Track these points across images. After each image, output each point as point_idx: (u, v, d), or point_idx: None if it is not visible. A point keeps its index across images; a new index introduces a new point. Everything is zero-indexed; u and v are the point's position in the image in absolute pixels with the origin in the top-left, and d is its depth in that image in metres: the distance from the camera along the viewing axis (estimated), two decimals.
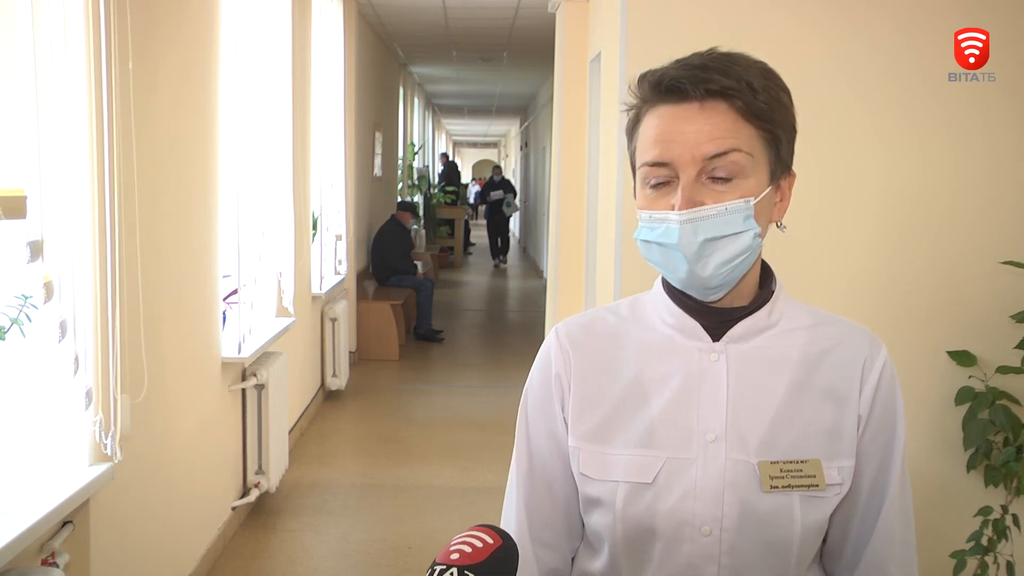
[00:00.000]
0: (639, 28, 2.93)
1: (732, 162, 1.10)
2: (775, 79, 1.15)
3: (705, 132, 1.09)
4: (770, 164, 1.14)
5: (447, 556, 0.98)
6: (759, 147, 1.12)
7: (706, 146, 1.09)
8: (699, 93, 1.10)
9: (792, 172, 1.19)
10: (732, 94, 1.09)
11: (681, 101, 1.11)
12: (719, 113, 1.10)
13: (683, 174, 1.10)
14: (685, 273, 1.12)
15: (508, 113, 18.86)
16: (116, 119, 2.61)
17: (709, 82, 1.09)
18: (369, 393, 6.96)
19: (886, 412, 1.17)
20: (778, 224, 1.19)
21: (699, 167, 1.10)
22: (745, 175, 1.11)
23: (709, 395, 1.16)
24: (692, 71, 1.10)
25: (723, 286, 1.14)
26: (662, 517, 1.13)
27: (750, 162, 1.11)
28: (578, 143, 5.17)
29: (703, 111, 1.10)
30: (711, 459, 1.13)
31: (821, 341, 1.19)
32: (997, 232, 2.85)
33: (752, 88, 1.10)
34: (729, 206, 1.10)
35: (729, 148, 1.09)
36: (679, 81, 1.10)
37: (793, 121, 1.17)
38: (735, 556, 1.12)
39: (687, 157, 1.10)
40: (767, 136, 1.12)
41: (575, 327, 1.26)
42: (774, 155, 1.14)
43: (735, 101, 1.10)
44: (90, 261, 2.53)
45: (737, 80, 1.09)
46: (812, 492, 1.12)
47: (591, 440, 1.19)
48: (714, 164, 1.10)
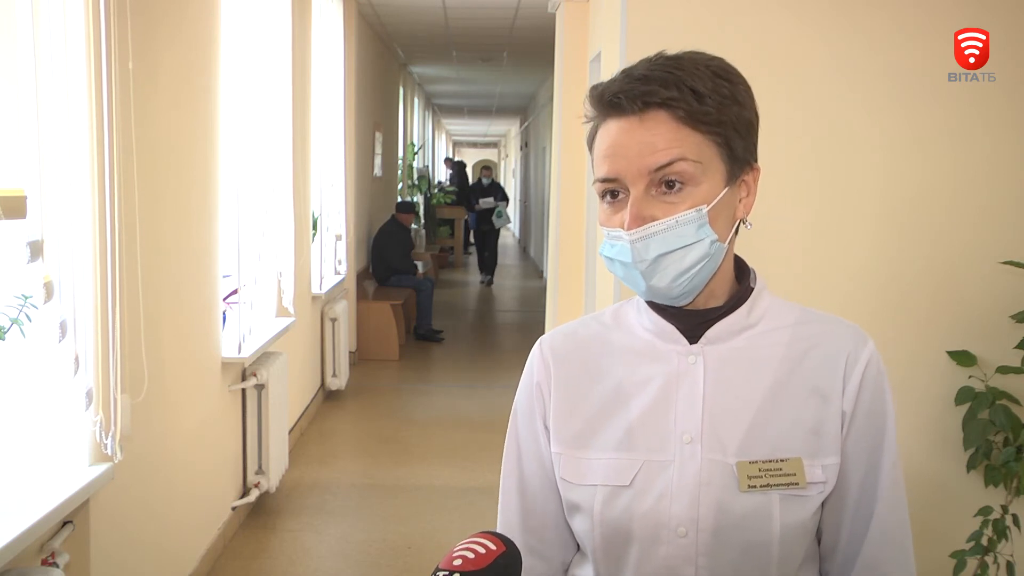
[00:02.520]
0: (639, 28, 2.93)
1: (679, 171, 1.09)
2: (728, 76, 1.13)
3: (647, 145, 1.09)
4: (725, 165, 1.12)
5: (450, 562, 0.98)
6: (708, 152, 1.10)
7: (648, 159, 1.08)
8: (637, 106, 1.09)
9: (755, 167, 1.17)
10: (672, 104, 1.08)
11: (622, 115, 1.10)
12: (660, 124, 1.09)
13: (632, 188, 1.10)
14: (644, 287, 1.13)
15: (508, 113, 18.86)
16: (116, 119, 2.61)
17: (647, 95, 1.08)
18: (369, 393, 6.96)
19: (872, 409, 1.16)
20: (743, 221, 1.18)
21: (646, 180, 1.09)
22: (696, 182, 1.10)
23: (686, 397, 1.16)
24: (632, 84, 1.09)
25: (687, 293, 1.14)
26: (639, 519, 1.13)
27: (699, 168, 1.09)
28: (578, 143, 5.16)
29: (643, 124, 1.09)
30: (688, 460, 1.13)
31: (805, 339, 1.18)
32: (997, 232, 2.85)
33: (696, 93, 1.08)
34: (679, 218, 1.09)
35: (673, 158, 1.08)
36: (617, 96, 1.10)
37: (751, 116, 1.15)
38: (712, 557, 1.12)
39: (632, 171, 1.09)
40: (717, 140, 1.11)
41: (558, 337, 1.27)
42: (727, 155, 1.12)
43: (676, 111, 1.08)
44: (90, 261, 2.53)
45: (678, 88, 1.08)
46: (792, 491, 1.12)
47: (572, 446, 1.20)
48: (661, 175, 1.09)
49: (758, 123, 1.17)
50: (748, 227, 1.19)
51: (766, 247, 1.18)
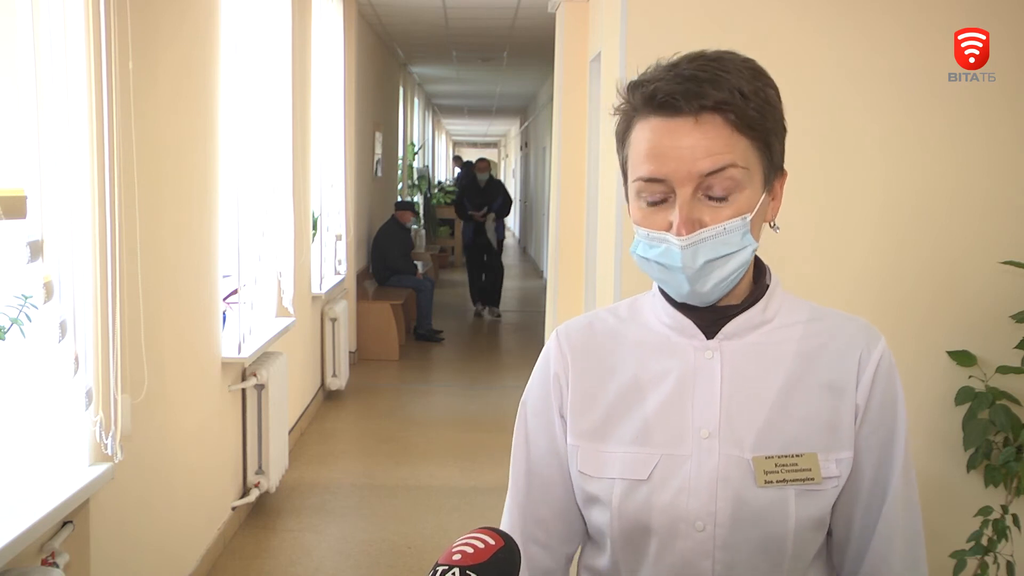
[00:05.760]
0: (639, 28, 2.93)
1: (728, 178, 1.09)
2: (763, 78, 1.13)
3: (701, 148, 1.08)
4: (764, 172, 1.13)
5: (449, 557, 0.99)
6: (753, 158, 1.11)
7: (703, 163, 1.08)
8: (693, 108, 1.08)
9: (784, 171, 1.18)
10: (726, 107, 1.08)
11: (674, 115, 1.09)
12: (714, 128, 1.08)
13: (680, 191, 1.09)
14: (687, 291, 1.14)
15: (508, 113, 18.86)
16: (116, 119, 2.61)
17: (703, 96, 1.07)
18: (369, 393, 6.96)
19: (885, 403, 1.17)
20: (771, 224, 1.19)
21: (695, 184, 1.09)
22: (741, 189, 1.10)
23: (703, 392, 1.17)
24: (684, 84, 1.08)
25: (720, 297, 1.16)
26: (657, 513, 1.14)
27: (745, 175, 1.10)
28: (578, 143, 5.17)
29: (698, 126, 1.08)
30: (705, 455, 1.14)
31: (818, 335, 1.19)
32: (997, 232, 2.85)
33: (744, 96, 1.08)
34: (727, 226, 1.10)
35: (726, 164, 1.08)
36: (672, 96, 1.08)
37: (783, 119, 1.15)
38: (729, 551, 1.13)
39: (683, 173, 1.09)
40: (760, 145, 1.11)
41: (575, 329, 1.27)
42: (767, 162, 1.13)
43: (728, 114, 1.08)
44: (90, 261, 2.53)
45: (729, 91, 1.08)
46: (808, 486, 1.13)
47: (589, 438, 1.20)
48: (710, 181, 1.09)
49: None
50: (776, 230, 1.20)
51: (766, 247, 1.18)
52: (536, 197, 15.37)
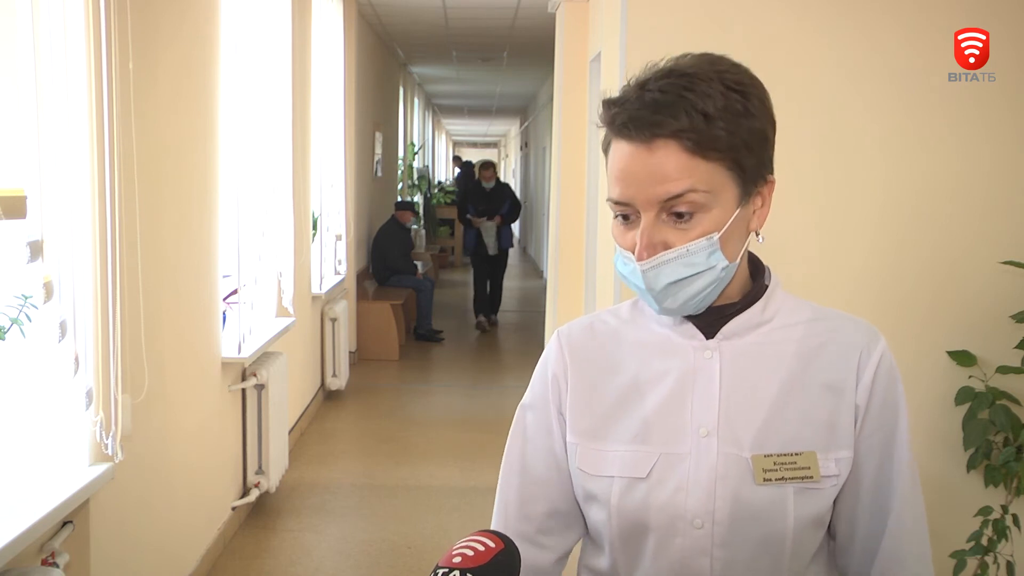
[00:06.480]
0: (639, 28, 2.93)
1: (689, 202, 1.08)
2: (741, 87, 1.10)
3: (657, 176, 1.08)
4: (737, 187, 1.11)
5: (449, 560, 1.00)
6: (718, 178, 1.09)
7: (658, 189, 1.08)
8: (645, 137, 1.08)
9: (770, 179, 1.16)
10: (682, 135, 1.07)
11: (632, 140, 1.09)
12: (669, 155, 1.07)
13: (644, 215, 1.10)
14: (658, 309, 1.15)
15: (508, 113, 18.86)
16: (116, 119, 2.61)
17: (656, 126, 1.07)
18: (369, 393, 6.96)
19: (886, 403, 1.17)
20: (756, 234, 1.18)
21: (657, 207, 1.09)
22: (706, 210, 1.09)
23: (702, 391, 1.17)
24: (642, 112, 1.08)
25: (698, 309, 1.16)
26: (655, 511, 1.15)
27: (708, 198, 1.09)
28: (578, 143, 5.17)
29: (652, 154, 1.08)
30: (704, 454, 1.15)
31: (818, 334, 1.19)
32: (997, 232, 2.85)
33: (707, 117, 1.07)
34: (691, 247, 1.10)
35: (684, 190, 1.08)
36: (626, 126, 1.09)
37: (765, 127, 1.13)
38: (727, 549, 1.13)
39: (642, 198, 1.09)
40: (728, 163, 1.09)
41: (576, 330, 1.28)
42: (738, 177, 1.11)
43: (684, 141, 1.07)
44: (90, 261, 2.53)
45: (688, 114, 1.06)
46: (807, 484, 1.13)
47: (589, 437, 1.21)
48: (671, 205, 1.09)
49: (775, 131, 1.15)
50: (760, 240, 1.19)
51: (766, 247, 1.18)
52: (536, 197, 15.36)
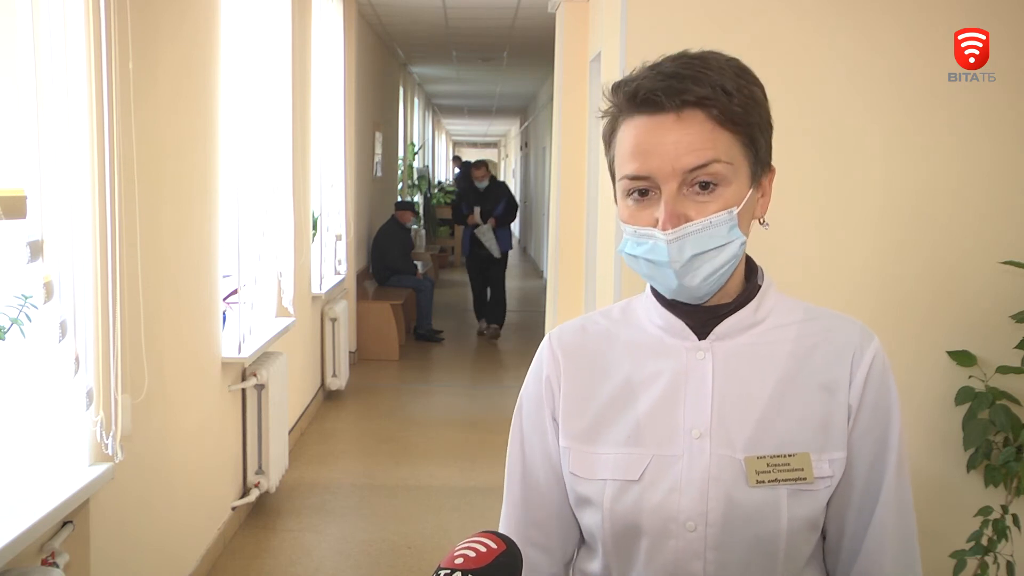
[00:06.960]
0: (639, 28, 2.93)
1: (713, 173, 1.09)
2: (748, 76, 1.13)
3: (684, 144, 1.08)
4: (750, 167, 1.13)
5: (451, 561, 1.00)
6: (738, 153, 1.11)
7: (685, 158, 1.08)
8: (675, 104, 1.09)
9: (772, 168, 1.18)
10: (708, 103, 1.08)
11: (656, 112, 1.10)
12: (696, 123, 1.09)
13: (664, 187, 1.10)
14: (675, 286, 1.14)
15: (508, 113, 18.86)
16: (116, 119, 2.61)
17: (684, 92, 1.08)
18: (369, 393, 6.96)
19: (878, 403, 1.16)
20: (761, 221, 1.19)
21: (680, 179, 1.09)
22: (727, 183, 1.10)
23: (695, 392, 1.17)
24: (666, 81, 1.09)
25: (711, 291, 1.15)
26: (648, 513, 1.14)
27: (730, 170, 1.10)
28: (578, 143, 5.17)
29: (680, 122, 1.09)
30: (696, 455, 1.14)
31: (811, 335, 1.19)
32: (997, 232, 2.85)
33: (727, 92, 1.09)
34: (713, 219, 1.10)
35: (709, 160, 1.09)
36: (654, 93, 1.09)
37: (769, 117, 1.16)
38: (721, 551, 1.13)
39: (667, 170, 1.09)
40: (745, 140, 1.12)
41: (568, 332, 1.28)
42: (753, 157, 1.13)
43: (711, 110, 1.09)
44: (90, 261, 2.53)
45: (711, 87, 1.08)
46: (800, 486, 1.12)
47: (581, 440, 1.20)
48: (695, 175, 1.09)
49: (772, 130, 1.17)
50: (766, 227, 1.20)
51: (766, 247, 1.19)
52: (536, 197, 15.36)
